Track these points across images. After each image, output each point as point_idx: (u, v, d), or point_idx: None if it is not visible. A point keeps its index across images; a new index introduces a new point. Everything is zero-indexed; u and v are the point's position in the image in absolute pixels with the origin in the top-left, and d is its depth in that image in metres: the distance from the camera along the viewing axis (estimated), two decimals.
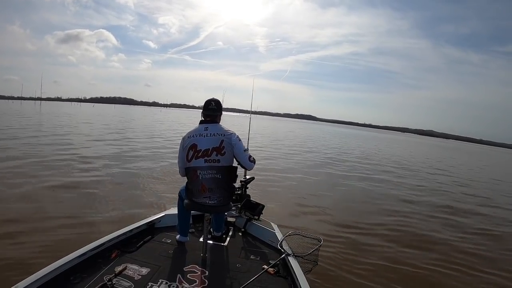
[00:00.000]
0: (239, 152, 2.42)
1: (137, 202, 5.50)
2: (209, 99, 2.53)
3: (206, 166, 2.33)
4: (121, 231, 2.57)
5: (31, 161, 8.02)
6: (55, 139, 12.61)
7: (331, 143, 27.27)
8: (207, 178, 2.33)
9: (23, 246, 3.53)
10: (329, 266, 3.63)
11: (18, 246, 3.53)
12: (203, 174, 2.33)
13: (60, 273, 1.94)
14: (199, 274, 2.18)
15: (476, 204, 8.20)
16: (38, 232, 3.93)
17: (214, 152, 2.33)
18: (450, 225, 5.93)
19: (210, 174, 2.33)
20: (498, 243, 5.27)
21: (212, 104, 2.50)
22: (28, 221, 4.25)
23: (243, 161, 2.46)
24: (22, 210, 4.61)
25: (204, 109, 2.51)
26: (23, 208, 4.71)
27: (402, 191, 8.74)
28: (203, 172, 2.33)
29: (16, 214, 4.42)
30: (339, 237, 4.66)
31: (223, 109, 2.63)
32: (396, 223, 5.67)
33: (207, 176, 2.33)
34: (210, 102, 2.51)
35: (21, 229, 3.98)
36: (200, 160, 2.34)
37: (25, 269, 2.87)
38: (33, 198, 5.19)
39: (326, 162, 13.25)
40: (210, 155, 2.33)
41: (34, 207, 4.76)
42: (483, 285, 3.77)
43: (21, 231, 3.92)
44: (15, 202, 4.95)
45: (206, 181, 2.33)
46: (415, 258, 4.17)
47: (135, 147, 12.63)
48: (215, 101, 2.53)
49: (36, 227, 4.07)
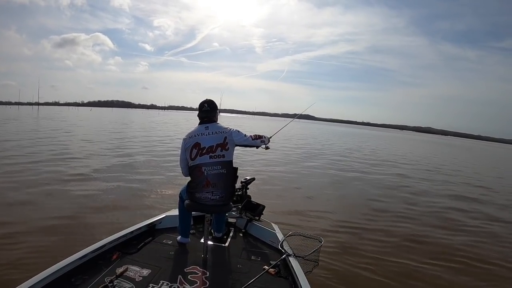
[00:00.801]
0: (241, 139, 2.53)
1: (137, 203, 5.50)
2: (203, 101, 2.59)
3: (212, 162, 2.38)
4: (122, 233, 2.57)
5: (32, 161, 8.10)
6: (52, 141, 12.67)
7: (332, 142, 27.35)
8: (212, 174, 2.38)
9: (22, 247, 3.53)
10: (330, 267, 3.61)
11: (18, 246, 3.54)
12: (208, 170, 2.38)
13: (61, 275, 1.94)
14: (200, 275, 2.18)
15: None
16: (38, 233, 3.94)
17: (219, 148, 2.41)
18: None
19: (216, 170, 2.38)
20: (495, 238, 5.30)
21: (205, 106, 2.56)
22: (28, 222, 4.27)
23: (247, 142, 2.56)
24: (22, 212, 4.63)
25: (199, 111, 2.57)
26: (23, 209, 4.74)
27: (408, 192, 8.56)
28: (208, 168, 2.38)
29: (16, 215, 4.46)
30: (340, 237, 4.64)
31: (221, 110, 2.68)
32: (399, 224, 5.59)
33: (212, 172, 2.38)
34: (203, 104, 2.57)
35: (21, 229, 4.00)
36: (205, 156, 2.39)
37: (26, 269, 2.91)
38: (34, 199, 5.22)
39: (327, 162, 13.24)
40: (215, 151, 2.39)
41: (33, 209, 4.77)
42: (487, 276, 3.82)
43: (21, 231, 3.93)
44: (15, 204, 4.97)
45: (211, 177, 2.38)
46: (416, 260, 4.11)
47: (134, 147, 12.70)
48: (208, 102, 2.59)
49: (36, 228, 4.07)
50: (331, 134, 43.49)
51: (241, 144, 2.56)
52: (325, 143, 25.78)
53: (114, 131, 21.41)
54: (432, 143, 51.08)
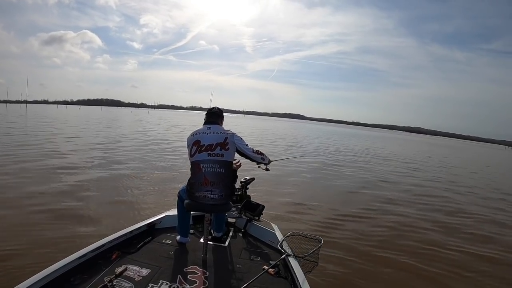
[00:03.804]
0: (243, 147, 2.57)
1: (136, 203, 5.47)
2: (213, 106, 2.77)
3: (209, 160, 2.40)
4: (121, 232, 2.57)
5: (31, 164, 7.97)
6: (40, 140, 12.53)
7: (327, 142, 27.59)
8: (210, 172, 2.40)
9: (23, 246, 3.51)
10: (329, 267, 3.61)
11: (19, 246, 3.52)
12: (206, 168, 2.40)
13: (60, 275, 1.93)
14: (200, 275, 2.18)
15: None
16: (37, 234, 3.90)
17: (218, 146, 2.43)
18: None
19: (213, 168, 2.40)
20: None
21: (215, 109, 2.73)
22: (28, 222, 4.24)
23: (247, 153, 2.61)
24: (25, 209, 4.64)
25: (207, 113, 2.69)
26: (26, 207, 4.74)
27: (406, 192, 8.64)
28: (206, 166, 2.40)
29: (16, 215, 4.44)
30: (340, 237, 4.66)
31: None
32: (400, 224, 5.58)
33: (210, 169, 2.40)
34: (214, 107, 2.75)
35: (22, 230, 3.98)
36: (203, 154, 2.42)
37: (26, 268, 2.90)
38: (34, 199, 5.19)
39: (325, 162, 13.29)
40: (214, 150, 2.42)
41: (33, 209, 4.74)
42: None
43: (22, 232, 3.91)
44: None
45: (209, 175, 2.39)
46: (417, 261, 4.10)
47: (132, 148, 12.61)
48: (218, 108, 2.77)
49: (36, 229, 4.04)
50: (323, 134, 43.75)
51: (242, 150, 2.58)
52: (321, 141, 26.07)
53: (106, 129, 21.18)
54: (428, 144, 51.71)
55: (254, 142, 17.26)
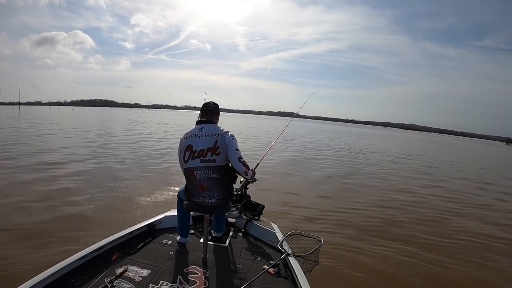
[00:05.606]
0: (230, 151, 2.41)
1: (136, 204, 5.47)
2: (208, 101, 2.64)
3: (203, 166, 2.37)
4: (121, 233, 2.56)
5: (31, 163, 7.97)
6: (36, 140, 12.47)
7: (324, 140, 27.75)
8: (205, 178, 2.37)
9: (24, 247, 3.52)
10: (330, 266, 3.61)
11: (19, 246, 3.53)
12: (200, 174, 2.37)
13: (61, 276, 1.92)
14: (200, 275, 2.19)
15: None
16: (37, 234, 3.90)
17: (209, 152, 2.37)
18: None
19: (207, 174, 2.37)
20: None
21: (210, 104, 2.62)
22: (28, 221, 4.25)
23: (232, 159, 2.43)
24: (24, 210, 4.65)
25: (202, 108, 2.59)
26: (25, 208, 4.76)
27: (405, 190, 8.62)
28: (200, 172, 2.37)
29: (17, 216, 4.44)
30: (340, 237, 4.65)
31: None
32: (400, 224, 5.56)
33: (204, 175, 2.37)
34: (209, 102, 2.62)
35: (22, 230, 3.99)
36: (196, 160, 2.38)
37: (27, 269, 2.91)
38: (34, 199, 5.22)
39: (324, 161, 13.28)
40: (206, 155, 2.37)
41: (33, 210, 4.75)
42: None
43: (22, 232, 3.92)
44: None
45: (204, 181, 2.37)
46: (418, 260, 4.09)
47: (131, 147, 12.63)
48: (214, 103, 2.64)
49: (35, 229, 4.05)
50: (319, 132, 43.81)
51: (228, 154, 2.41)
52: (319, 141, 26.13)
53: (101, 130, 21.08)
54: (425, 141, 51.96)
55: (253, 142, 17.49)
